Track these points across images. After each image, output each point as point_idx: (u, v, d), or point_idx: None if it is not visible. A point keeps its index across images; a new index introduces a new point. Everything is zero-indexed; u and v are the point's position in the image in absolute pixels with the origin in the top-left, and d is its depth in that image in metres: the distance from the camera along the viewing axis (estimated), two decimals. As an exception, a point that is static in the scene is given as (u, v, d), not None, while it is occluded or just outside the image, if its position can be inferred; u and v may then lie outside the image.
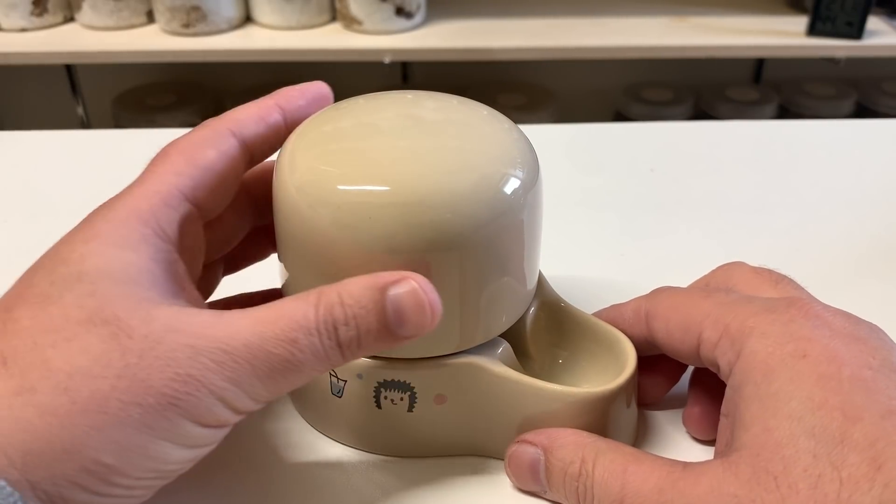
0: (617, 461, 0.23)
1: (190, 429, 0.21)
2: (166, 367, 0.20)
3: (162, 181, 0.24)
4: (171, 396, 0.20)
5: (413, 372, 0.26)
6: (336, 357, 0.22)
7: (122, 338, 0.20)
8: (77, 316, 0.21)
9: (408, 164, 0.24)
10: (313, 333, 0.22)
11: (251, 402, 0.22)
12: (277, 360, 0.21)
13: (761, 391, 0.22)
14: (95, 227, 0.23)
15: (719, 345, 0.24)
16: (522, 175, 0.25)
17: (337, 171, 0.24)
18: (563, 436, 0.25)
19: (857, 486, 0.19)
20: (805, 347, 0.22)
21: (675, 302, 0.27)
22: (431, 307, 0.23)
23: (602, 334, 0.28)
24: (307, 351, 0.22)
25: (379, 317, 0.22)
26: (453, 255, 0.24)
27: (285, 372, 0.22)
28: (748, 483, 0.21)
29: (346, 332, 0.22)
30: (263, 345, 0.21)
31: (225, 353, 0.21)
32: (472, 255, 0.24)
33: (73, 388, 0.20)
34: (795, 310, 0.24)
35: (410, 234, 0.23)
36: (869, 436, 0.20)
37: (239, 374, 0.21)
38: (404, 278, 0.23)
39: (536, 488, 0.26)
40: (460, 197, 0.23)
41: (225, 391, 0.21)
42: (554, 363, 0.30)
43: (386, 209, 0.23)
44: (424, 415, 0.27)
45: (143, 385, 0.20)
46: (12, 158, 0.49)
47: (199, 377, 0.21)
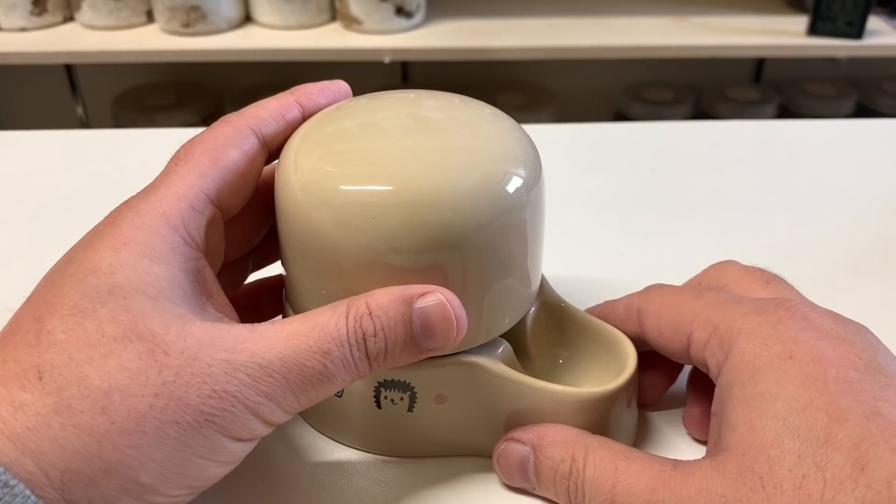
0: (607, 459, 0.24)
1: (225, 444, 0.21)
2: (203, 384, 0.20)
3: (188, 183, 0.24)
4: (208, 413, 0.20)
5: (413, 372, 0.26)
6: (364, 368, 0.23)
7: (159, 354, 0.20)
8: (112, 331, 0.20)
9: (410, 163, 0.24)
10: (344, 345, 0.22)
11: (283, 415, 0.22)
12: (311, 373, 0.22)
13: (748, 392, 0.22)
14: (124, 233, 0.22)
15: (709, 345, 0.25)
16: (525, 174, 0.25)
17: (340, 171, 0.24)
18: (552, 433, 0.25)
19: (841, 486, 0.19)
20: (792, 349, 0.23)
21: (667, 300, 0.27)
22: (458, 322, 0.23)
23: (602, 334, 0.28)
24: (339, 362, 0.22)
25: (406, 329, 0.23)
26: (456, 255, 0.24)
27: (317, 384, 0.22)
28: (735, 483, 0.21)
29: (374, 344, 0.23)
30: (297, 358, 0.22)
31: (260, 368, 0.21)
32: (475, 255, 0.24)
33: (111, 407, 0.20)
34: (783, 311, 0.24)
35: (414, 234, 0.23)
36: (853, 437, 0.20)
37: (273, 387, 0.21)
38: (432, 291, 0.23)
39: (526, 486, 0.26)
40: (463, 196, 0.23)
41: (260, 406, 0.21)
42: (554, 363, 0.30)
43: (389, 209, 0.23)
44: (424, 415, 0.27)
45: (180, 403, 0.20)
46: (12, 158, 0.49)
47: (235, 393, 0.21)
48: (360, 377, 0.23)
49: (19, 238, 0.39)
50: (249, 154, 0.25)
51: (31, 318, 0.21)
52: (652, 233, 0.42)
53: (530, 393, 0.26)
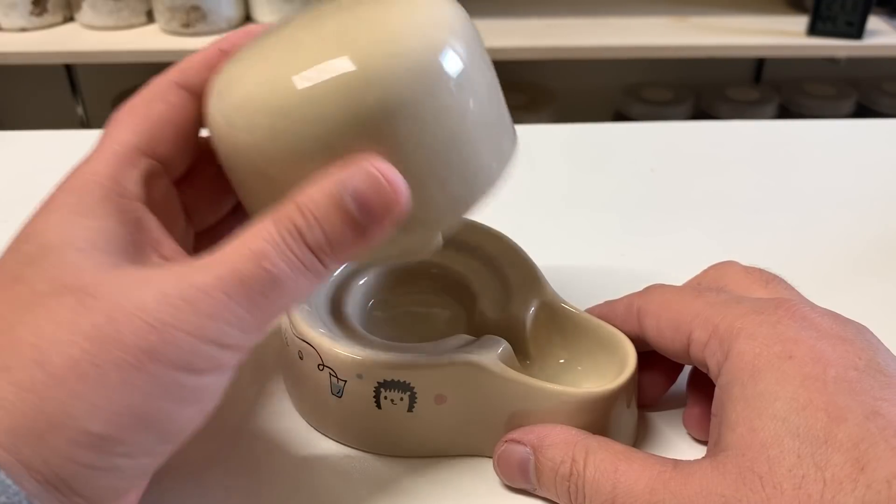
0: (607, 460, 0.24)
1: (182, 379, 0.20)
2: (136, 320, 0.19)
3: (117, 142, 0.24)
4: (147, 349, 0.19)
5: (413, 372, 0.26)
6: (312, 262, 0.21)
7: (88, 301, 0.20)
8: (42, 289, 0.20)
9: (314, 50, 0.22)
10: (280, 244, 0.21)
11: (240, 334, 0.21)
12: (252, 280, 0.20)
13: (747, 392, 0.22)
14: (56, 198, 0.22)
15: (708, 345, 0.25)
16: (444, 25, 0.23)
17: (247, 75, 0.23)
18: (552, 434, 0.25)
19: (841, 486, 0.19)
20: (791, 349, 0.23)
21: (667, 300, 0.27)
22: (390, 182, 0.21)
23: (602, 334, 0.28)
24: (280, 262, 0.21)
25: (340, 210, 0.21)
26: (399, 123, 0.22)
27: (264, 291, 0.21)
28: (734, 483, 0.21)
29: (312, 236, 0.21)
30: (233, 269, 0.20)
31: (196, 289, 0.20)
32: (415, 114, 0.22)
33: (45, 359, 0.19)
34: (783, 311, 0.24)
35: (339, 122, 0.21)
36: (853, 436, 0.20)
37: (215, 306, 0.20)
38: (353, 164, 0.21)
39: (526, 487, 0.26)
40: (386, 76, 0.21)
41: (205, 329, 0.20)
42: (554, 363, 0.30)
43: (298, 101, 0.21)
44: (424, 415, 0.27)
45: (115, 343, 0.19)
46: (12, 158, 0.49)
47: (171, 322, 0.20)
48: (316, 276, 0.22)
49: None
50: (178, 104, 0.25)
51: None
52: (652, 233, 0.41)
53: (530, 393, 0.26)
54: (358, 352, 0.26)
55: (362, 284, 0.32)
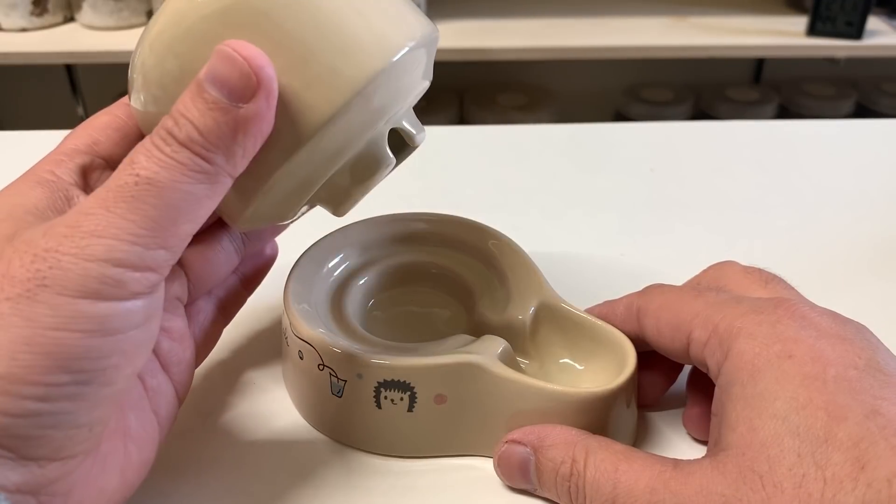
0: (608, 460, 0.24)
1: (83, 307, 0.19)
2: (23, 254, 0.19)
3: (59, 149, 0.25)
4: (35, 279, 0.19)
5: (413, 371, 0.26)
6: (192, 160, 0.21)
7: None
8: None
9: None
10: (151, 149, 0.20)
11: (141, 250, 0.20)
12: (128, 189, 0.20)
13: (747, 391, 0.22)
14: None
15: (708, 345, 0.25)
16: None
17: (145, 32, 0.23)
18: (552, 434, 0.25)
19: (841, 485, 0.19)
20: (791, 348, 0.23)
21: (667, 300, 0.27)
22: (247, 57, 0.21)
23: (601, 334, 0.28)
24: (152, 165, 0.20)
25: (203, 98, 0.21)
26: (260, 13, 0.21)
27: (147, 198, 0.20)
28: (735, 483, 0.21)
29: (181, 131, 0.21)
30: (109, 185, 0.20)
31: (78, 213, 0.20)
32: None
33: None
34: (783, 310, 0.24)
35: (208, 34, 0.21)
36: (853, 435, 0.20)
37: (98, 224, 0.19)
38: (211, 54, 0.21)
39: (527, 487, 0.26)
40: None
41: (92, 247, 0.19)
42: (553, 363, 0.30)
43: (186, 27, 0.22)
44: (424, 415, 0.27)
45: (5, 280, 0.19)
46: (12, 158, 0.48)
47: (56, 248, 0.19)
48: (206, 175, 0.21)
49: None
50: (123, 115, 0.26)
51: None
52: (652, 233, 0.42)
53: (530, 393, 0.26)
54: (358, 352, 0.26)
55: (362, 284, 0.32)
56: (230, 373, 0.31)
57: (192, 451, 0.28)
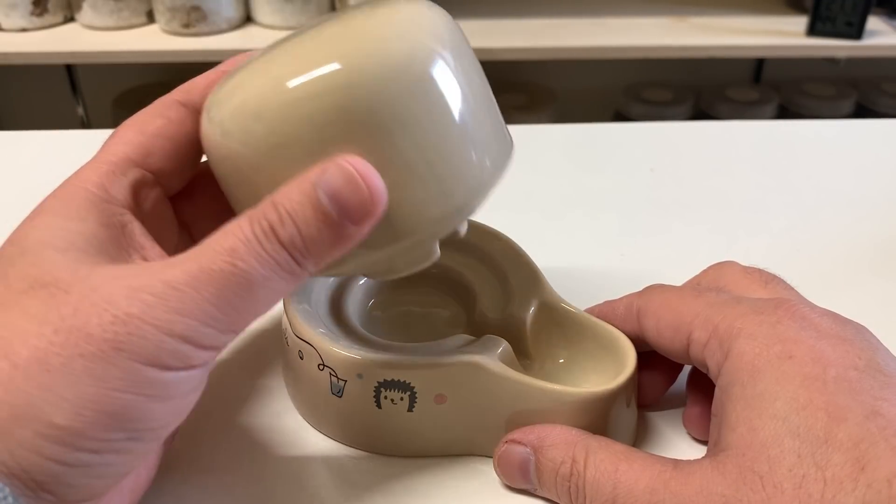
0: (608, 460, 0.24)
1: (149, 374, 0.20)
2: (104, 312, 0.19)
3: (111, 152, 0.24)
4: (113, 341, 0.19)
5: (413, 371, 0.26)
6: (286, 260, 0.21)
7: (60, 295, 0.20)
8: (19, 287, 0.20)
9: (300, 60, 0.22)
10: (251, 240, 0.21)
11: (213, 332, 0.20)
12: (222, 277, 0.20)
13: (747, 392, 0.22)
14: (44, 204, 0.23)
15: (708, 345, 0.25)
16: (427, 29, 0.23)
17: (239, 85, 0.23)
18: (552, 434, 0.25)
19: (841, 486, 0.19)
20: (791, 349, 0.23)
21: (667, 300, 0.27)
22: (366, 179, 0.21)
23: (601, 334, 0.28)
24: (251, 259, 0.20)
25: (314, 206, 0.21)
26: (380, 124, 0.22)
27: (235, 289, 0.20)
28: (735, 483, 0.21)
29: (285, 232, 0.21)
30: (204, 266, 0.20)
31: (165, 285, 0.20)
32: (397, 116, 0.22)
33: (12, 351, 0.19)
34: (783, 311, 0.24)
35: (321, 123, 0.22)
36: (853, 436, 0.20)
37: (184, 302, 0.20)
38: (330, 162, 0.21)
39: (527, 487, 0.26)
40: (369, 74, 0.22)
41: (174, 324, 0.20)
42: (554, 363, 0.30)
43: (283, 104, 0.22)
44: (424, 414, 0.27)
45: (81, 334, 0.19)
46: (12, 158, 0.49)
47: (139, 314, 0.19)
48: (292, 276, 0.21)
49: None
50: (177, 121, 0.25)
51: None
52: (652, 233, 0.42)
53: (530, 393, 0.26)
54: (358, 352, 0.26)
55: (362, 284, 0.32)
56: (230, 373, 0.31)
57: (191, 452, 0.28)
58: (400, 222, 0.23)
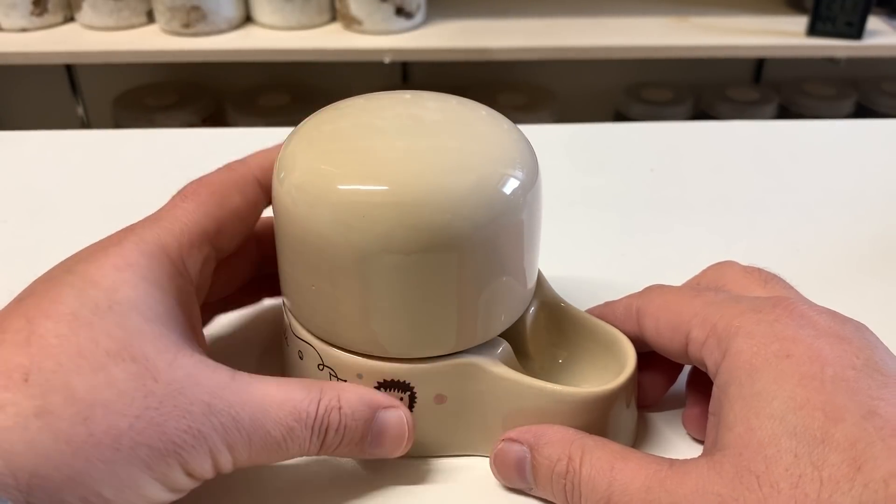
0: (604, 459, 0.24)
1: (178, 476, 0.22)
2: (182, 419, 0.21)
3: (193, 220, 0.25)
4: (179, 446, 0.21)
5: (413, 372, 0.26)
6: (314, 451, 0.24)
7: (148, 379, 0.21)
8: (106, 346, 0.21)
9: (406, 163, 0.24)
10: (307, 429, 0.24)
11: (231, 466, 0.23)
12: (271, 441, 0.23)
13: (745, 391, 0.22)
14: (128, 255, 0.23)
15: (706, 344, 0.25)
16: (522, 175, 0.25)
17: (335, 170, 0.24)
18: (549, 433, 0.25)
19: (838, 486, 0.19)
20: (789, 347, 0.23)
21: (666, 300, 0.27)
22: (408, 440, 0.25)
23: (601, 334, 0.28)
24: (297, 441, 0.24)
25: (364, 433, 0.25)
26: (451, 257, 0.24)
27: (271, 451, 0.23)
28: (731, 482, 0.21)
29: (332, 437, 0.24)
30: (265, 424, 0.23)
31: (233, 420, 0.22)
32: (469, 257, 0.24)
33: (93, 419, 0.20)
34: (781, 309, 0.24)
35: (407, 235, 0.23)
36: (850, 436, 0.20)
37: (236, 441, 0.22)
38: (396, 407, 0.25)
39: (523, 486, 0.26)
40: (458, 197, 0.23)
41: (220, 452, 0.22)
42: (553, 363, 0.30)
43: (383, 209, 0.23)
44: (424, 414, 0.27)
45: (158, 429, 0.21)
46: (12, 158, 0.49)
47: (206, 434, 0.22)
48: (304, 455, 0.24)
49: (19, 238, 0.39)
50: (252, 201, 0.27)
51: (24, 319, 0.21)
52: (652, 233, 0.42)
53: (530, 393, 0.26)
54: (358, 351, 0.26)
55: None
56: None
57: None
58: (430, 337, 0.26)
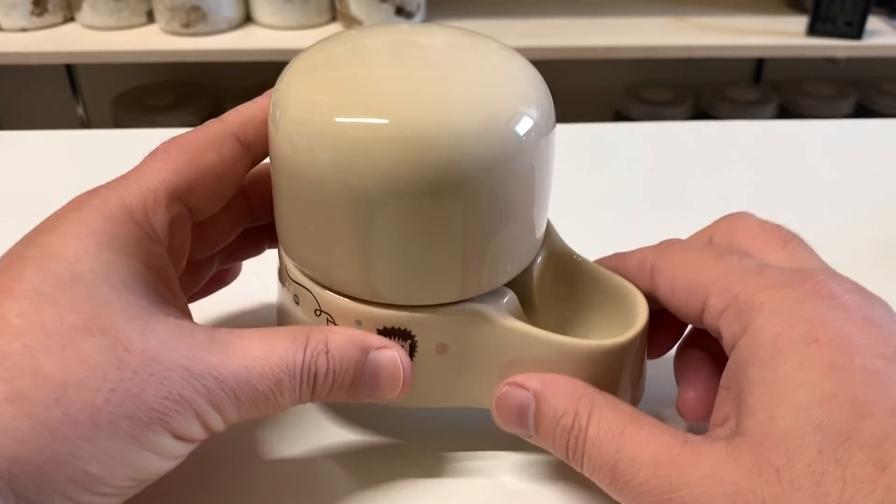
0: (614, 420, 0.22)
1: (169, 442, 0.21)
2: (160, 386, 0.21)
3: (160, 179, 0.24)
4: (161, 413, 0.21)
5: (414, 319, 0.25)
6: (306, 399, 0.24)
7: (119, 350, 0.20)
8: (72, 321, 0.20)
9: (410, 96, 0.22)
10: (296, 378, 0.23)
11: (222, 425, 0.23)
12: (259, 395, 0.22)
13: (767, 375, 0.21)
14: (90, 221, 0.22)
15: (725, 314, 0.23)
16: (536, 115, 0.23)
17: (333, 103, 0.22)
18: (557, 382, 0.24)
19: (860, 486, 0.18)
20: (817, 331, 0.21)
21: (684, 260, 0.25)
22: (404, 382, 0.24)
23: (612, 286, 0.27)
24: (286, 391, 0.23)
25: (356, 375, 0.24)
26: (457, 198, 0.22)
27: (261, 405, 0.23)
28: (749, 472, 0.20)
29: (322, 383, 0.23)
30: (251, 379, 0.22)
31: (215, 381, 0.22)
32: (476, 199, 0.22)
33: (67, 399, 0.19)
34: (809, 286, 0.22)
35: (411, 175, 0.21)
36: (876, 434, 0.19)
37: (223, 400, 0.22)
38: (388, 347, 0.24)
39: (522, 433, 0.25)
40: (468, 135, 0.22)
41: (207, 414, 0.22)
42: (561, 316, 0.28)
43: (385, 145, 0.21)
44: (425, 364, 0.25)
45: (136, 400, 0.20)
46: (12, 158, 0.49)
47: (188, 398, 0.21)
48: (298, 404, 0.24)
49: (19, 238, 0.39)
50: (229, 158, 0.25)
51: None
52: (652, 233, 0.41)
53: (536, 344, 0.24)
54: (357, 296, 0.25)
55: None
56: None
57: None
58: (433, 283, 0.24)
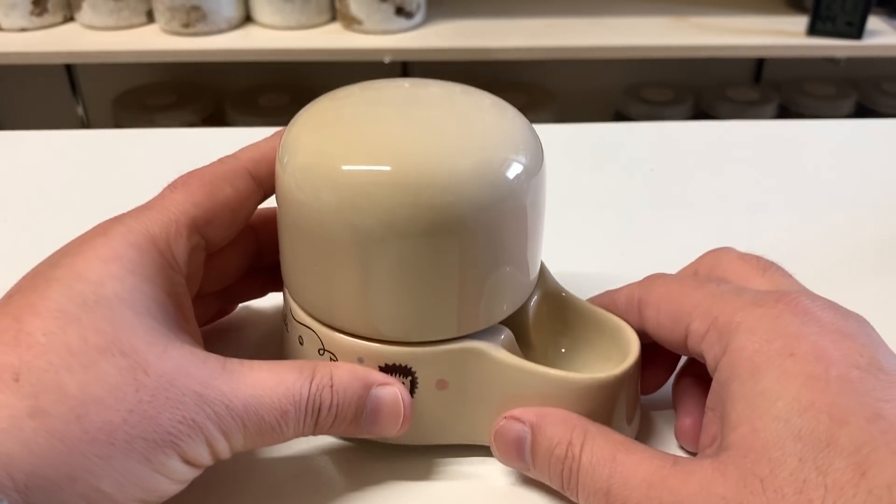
0: (606, 448, 0.23)
1: (178, 465, 0.22)
2: (175, 410, 0.21)
3: (181, 210, 0.25)
4: (174, 436, 0.21)
5: (414, 355, 0.26)
6: (308, 431, 0.25)
7: (139, 372, 0.21)
8: (95, 342, 0.21)
9: (410, 145, 0.24)
10: (301, 410, 0.24)
11: (228, 452, 0.23)
12: (265, 425, 0.23)
13: (747, 389, 0.22)
14: (115, 247, 0.23)
15: (706, 337, 0.24)
16: (525, 160, 0.25)
17: (339, 152, 0.24)
18: (552, 414, 0.25)
19: (842, 492, 0.19)
20: (792, 345, 0.22)
21: (667, 290, 0.27)
22: (404, 419, 0.25)
23: (604, 323, 0.28)
24: (291, 423, 0.24)
25: (357, 410, 0.25)
26: (453, 237, 0.24)
27: (267, 435, 0.24)
28: (735, 485, 0.20)
29: (325, 416, 0.24)
30: (259, 409, 0.23)
31: (226, 408, 0.22)
32: (471, 239, 0.24)
33: (86, 416, 0.20)
34: (784, 304, 0.24)
35: (411, 216, 0.23)
36: (855, 440, 0.20)
37: (231, 428, 0.23)
38: (391, 384, 0.25)
39: (520, 466, 0.26)
40: (462, 179, 0.23)
41: (216, 440, 0.22)
42: (556, 352, 0.30)
43: (386, 189, 0.23)
44: (425, 400, 0.26)
45: (152, 421, 0.21)
46: (12, 158, 0.49)
47: (200, 423, 0.22)
48: (301, 436, 0.25)
49: (19, 238, 0.39)
50: (243, 192, 0.27)
51: (11, 318, 0.21)
52: (652, 233, 0.41)
53: (532, 379, 0.26)
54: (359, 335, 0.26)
55: None
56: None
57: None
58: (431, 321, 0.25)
